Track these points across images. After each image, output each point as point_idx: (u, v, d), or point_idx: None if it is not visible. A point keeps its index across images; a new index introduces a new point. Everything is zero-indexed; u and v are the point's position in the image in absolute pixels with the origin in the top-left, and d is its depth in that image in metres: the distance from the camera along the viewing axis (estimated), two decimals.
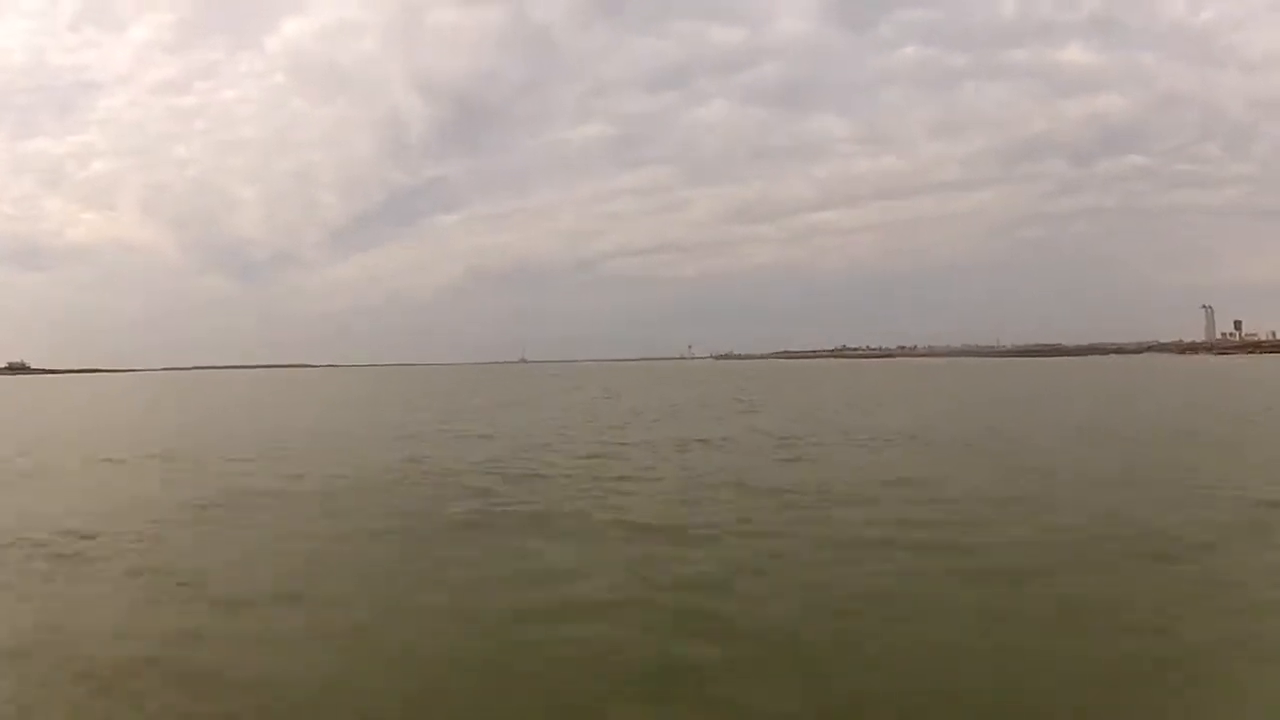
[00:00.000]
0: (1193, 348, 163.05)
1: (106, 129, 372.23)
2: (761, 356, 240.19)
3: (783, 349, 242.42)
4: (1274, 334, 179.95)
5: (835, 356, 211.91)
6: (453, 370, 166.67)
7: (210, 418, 30.30)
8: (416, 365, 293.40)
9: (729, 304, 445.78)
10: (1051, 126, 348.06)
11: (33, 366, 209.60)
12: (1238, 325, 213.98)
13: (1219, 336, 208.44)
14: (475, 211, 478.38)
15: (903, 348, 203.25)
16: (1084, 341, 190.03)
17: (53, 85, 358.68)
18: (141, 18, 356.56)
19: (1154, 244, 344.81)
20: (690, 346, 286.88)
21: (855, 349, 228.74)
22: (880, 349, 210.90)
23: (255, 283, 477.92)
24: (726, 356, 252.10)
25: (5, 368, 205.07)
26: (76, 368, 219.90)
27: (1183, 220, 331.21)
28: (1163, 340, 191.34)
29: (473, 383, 68.08)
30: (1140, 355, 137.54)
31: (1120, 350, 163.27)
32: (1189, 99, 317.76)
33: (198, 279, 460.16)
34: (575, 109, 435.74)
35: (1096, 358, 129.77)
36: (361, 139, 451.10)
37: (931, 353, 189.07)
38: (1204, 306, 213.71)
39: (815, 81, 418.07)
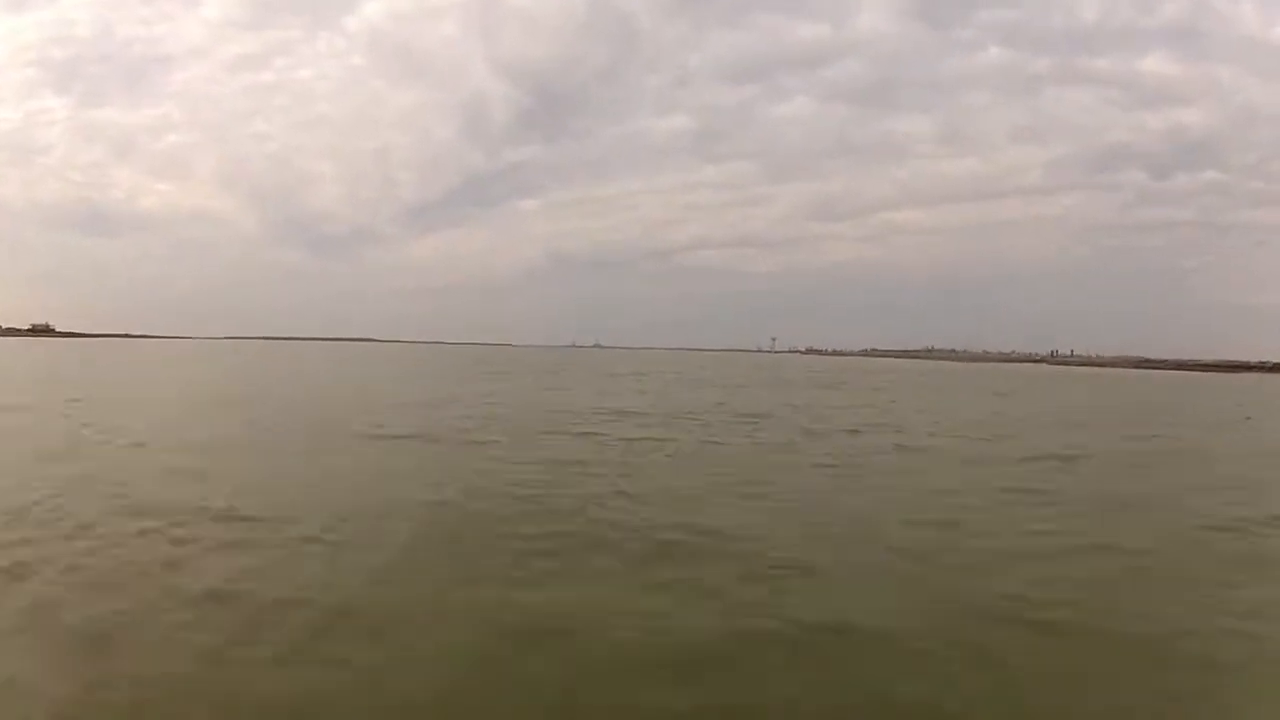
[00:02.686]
0: None
1: (182, 102, 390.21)
2: (849, 354, 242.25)
3: (871, 347, 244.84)
4: None
5: (924, 358, 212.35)
6: (542, 353, 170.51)
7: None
8: (490, 345, 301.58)
9: (806, 300, 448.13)
10: (1132, 137, 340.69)
11: (58, 330, 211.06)
12: None
13: None
14: (554, 197, 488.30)
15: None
16: (1170, 356, 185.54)
17: (122, 56, 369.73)
18: None
19: (1227, 261, 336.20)
20: (773, 340, 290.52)
21: (943, 350, 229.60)
22: (976, 352, 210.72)
23: (330, 257, 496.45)
24: (813, 351, 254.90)
25: (29, 329, 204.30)
26: (107, 332, 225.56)
27: (1256, 238, 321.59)
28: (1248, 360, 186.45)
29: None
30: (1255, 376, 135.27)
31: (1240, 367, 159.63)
32: (1264, 115, 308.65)
33: (271, 251, 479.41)
34: (657, 99, 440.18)
35: (1222, 376, 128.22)
36: (441, 121, 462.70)
37: (1034, 359, 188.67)
38: None
39: (897, 80, 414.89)
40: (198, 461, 13.25)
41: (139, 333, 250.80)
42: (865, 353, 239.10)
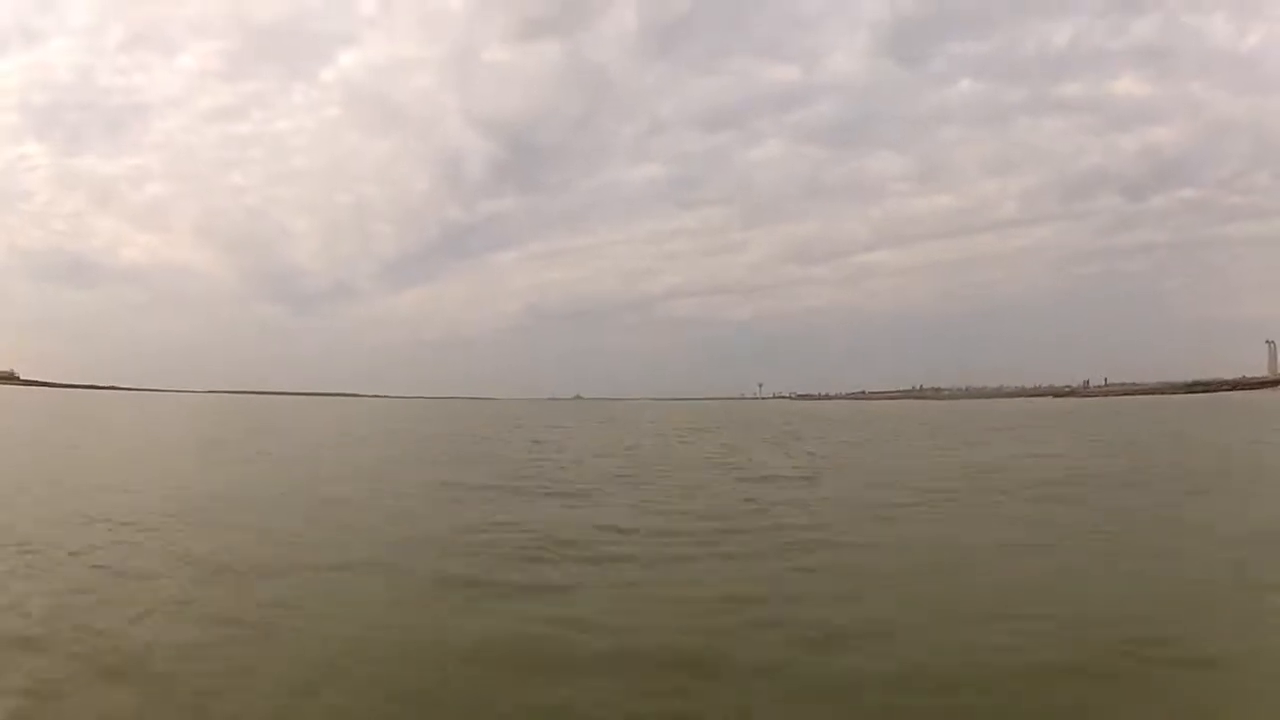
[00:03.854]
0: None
1: (161, 153, 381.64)
2: (840, 397, 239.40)
3: (861, 389, 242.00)
4: None
5: (930, 398, 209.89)
6: (517, 405, 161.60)
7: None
8: (473, 399, 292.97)
9: (787, 345, 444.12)
10: (1106, 161, 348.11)
11: (22, 377, 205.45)
12: None
13: None
14: (531, 249, 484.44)
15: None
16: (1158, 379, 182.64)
17: (102, 105, 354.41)
18: (191, 45, 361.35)
19: (1208, 278, 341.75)
20: (760, 385, 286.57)
21: (934, 389, 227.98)
22: (987, 387, 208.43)
23: (309, 311, 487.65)
24: (806, 397, 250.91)
25: None
26: (77, 383, 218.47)
27: (1235, 253, 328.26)
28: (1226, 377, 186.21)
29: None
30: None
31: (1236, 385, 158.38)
32: (1238, 127, 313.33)
33: (247, 306, 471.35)
34: (632, 148, 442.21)
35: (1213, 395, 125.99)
36: (417, 174, 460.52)
37: (1054, 391, 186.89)
38: (1268, 342, 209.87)
39: (869, 119, 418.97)
40: None
41: (109, 384, 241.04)
42: (857, 395, 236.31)
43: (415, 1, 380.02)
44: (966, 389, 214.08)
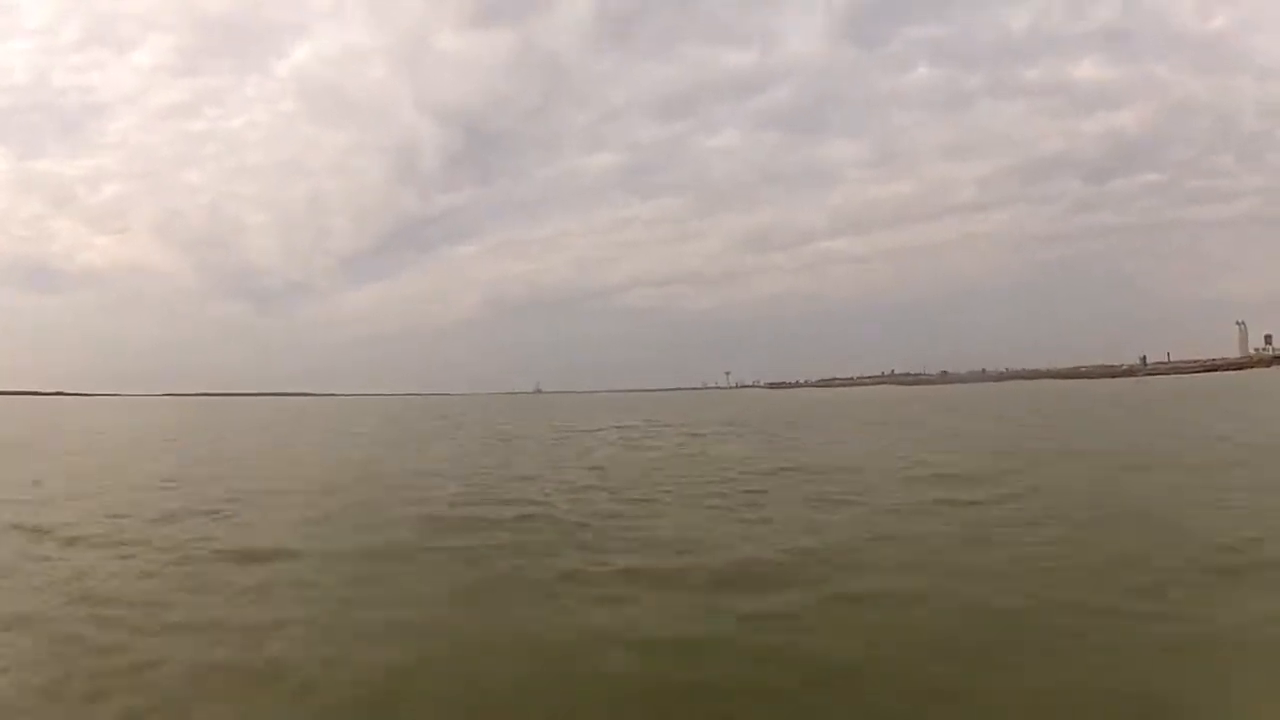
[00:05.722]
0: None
1: (117, 153, 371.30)
2: (812, 385, 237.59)
3: (831, 376, 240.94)
4: None
5: (891, 383, 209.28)
6: (463, 402, 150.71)
7: None
8: (430, 395, 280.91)
9: (749, 333, 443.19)
10: (1068, 145, 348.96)
11: None
12: (1268, 339, 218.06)
13: (1252, 352, 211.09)
14: (490, 240, 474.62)
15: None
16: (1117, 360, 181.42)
17: (58, 105, 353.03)
18: (146, 41, 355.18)
19: (1172, 260, 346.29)
20: (728, 374, 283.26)
21: (904, 374, 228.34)
22: (966, 372, 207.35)
23: (267, 309, 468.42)
24: (779, 385, 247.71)
25: None
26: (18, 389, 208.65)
27: (1198, 235, 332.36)
28: (1198, 358, 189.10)
29: None
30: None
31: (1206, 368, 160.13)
32: (1201, 109, 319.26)
33: (208, 305, 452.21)
34: (587, 137, 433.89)
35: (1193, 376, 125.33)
36: (373, 166, 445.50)
37: (1004, 376, 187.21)
38: (1238, 323, 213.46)
39: (827, 104, 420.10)
40: None
41: (57, 390, 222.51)
42: (825, 382, 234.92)
43: None
44: (984, 372, 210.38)
